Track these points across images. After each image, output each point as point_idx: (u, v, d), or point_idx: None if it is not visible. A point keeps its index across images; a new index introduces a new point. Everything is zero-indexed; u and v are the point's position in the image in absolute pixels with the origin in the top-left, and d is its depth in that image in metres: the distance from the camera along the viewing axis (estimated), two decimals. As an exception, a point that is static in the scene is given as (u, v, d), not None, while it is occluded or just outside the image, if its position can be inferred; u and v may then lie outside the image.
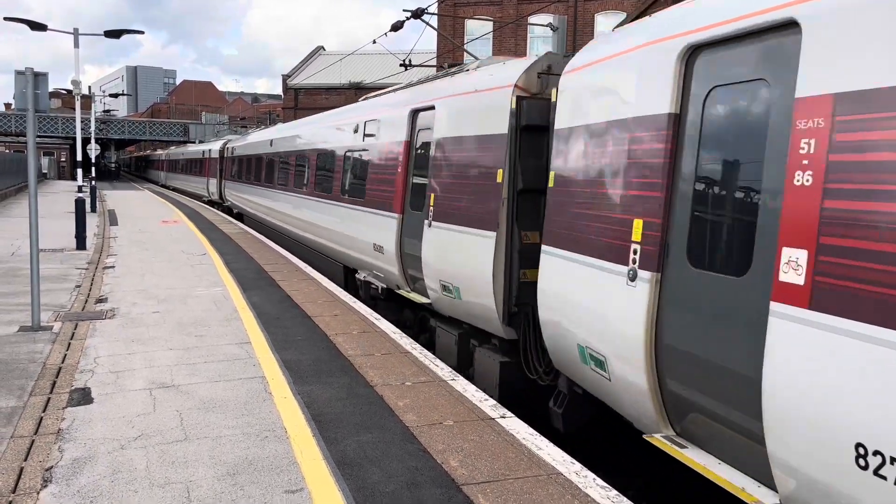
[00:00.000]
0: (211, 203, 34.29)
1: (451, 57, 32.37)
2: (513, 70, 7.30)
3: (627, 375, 4.89)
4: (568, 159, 5.89)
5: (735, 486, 4.02)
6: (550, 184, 6.19)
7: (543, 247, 6.15)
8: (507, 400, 7.06)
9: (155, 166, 73.01)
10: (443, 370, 6.90)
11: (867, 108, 3.25)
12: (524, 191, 7.08)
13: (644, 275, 4.71)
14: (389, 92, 11.93)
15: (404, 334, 8.41)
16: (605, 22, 33.57)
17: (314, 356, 7.32)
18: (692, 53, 4.58)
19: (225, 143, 31.28)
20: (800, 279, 3.49)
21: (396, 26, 16.64)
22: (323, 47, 59.10)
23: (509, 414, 5.71)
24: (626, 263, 4.88)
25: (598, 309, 5.19)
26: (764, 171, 3.93)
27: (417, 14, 15.57)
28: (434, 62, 28.15)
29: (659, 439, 4.67)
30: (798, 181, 3.55)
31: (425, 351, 7.63)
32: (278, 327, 8.58)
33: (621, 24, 4.92)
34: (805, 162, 3.54)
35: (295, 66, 55.35)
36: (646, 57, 4.94)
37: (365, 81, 42.89)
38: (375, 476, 4.51)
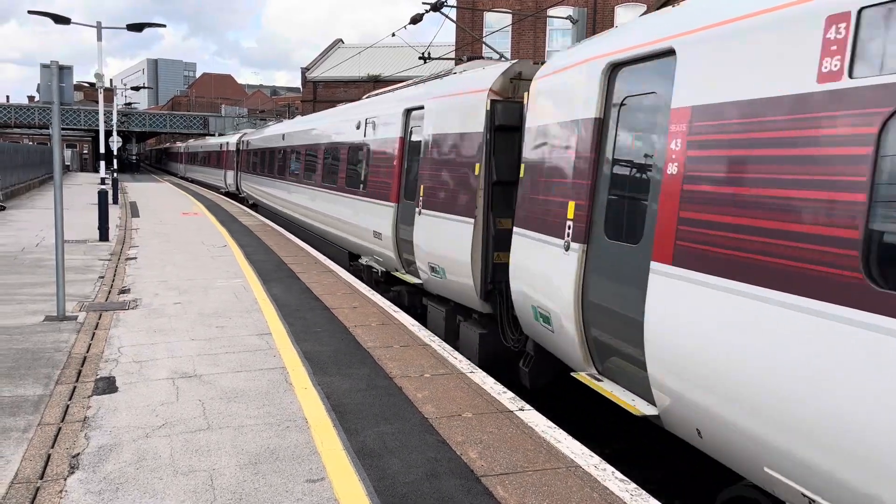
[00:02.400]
0: (228, 194, 35.07)
1: (469, 50, 32.28)
2: (489, 76, 8.21)
3: (564, 326, 6.05)
4: (531, 154, 6.96)
5: (628, 403, 5.19)
6: (521, 175, 7.18)
7: (514, 228, 7.19)
8: (485, 365, 7.98)
9: (175, 158, 73.88)
10: (461, 363, 6.93)
11: (710, 116, 4.40)
12: (498, 182, 7.97)
13: (575, 246, 5.92)
14: (388, 91, 12.81)
15: (422, 326, 8.46)
16: (624, 14, 33.29)
17: (334, 347, 7.39)
18: (612, 70, 5.70)
19: (241, 137, 32.11)
20: (668, 243, 4.64)
21: (416, 19, 16.64)
22: (342, 40, 59.20)
23: (528, 406, 5.73)
24: (563, 237, 6.09)
25: (546, 274, 6.37)
26: (653, 163, 5.06)
27: (437, 6, 15.55)
28: (453, 55, 28.10)
29: (583, 375, 5.84)
30: (669, 171, 4.70)
31: (444, 343, 7.67)
32: (298, 318, 8.65)
33: (644, 13, 5.38)
34: (674, 156, 4.68)
35: (314, 59, 55.49)
36: (583, 71, 6.09)
37: (383, 74, 42.91)
38: (395, 466, 4.56)
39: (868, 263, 3.33)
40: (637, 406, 5.09)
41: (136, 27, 23.51)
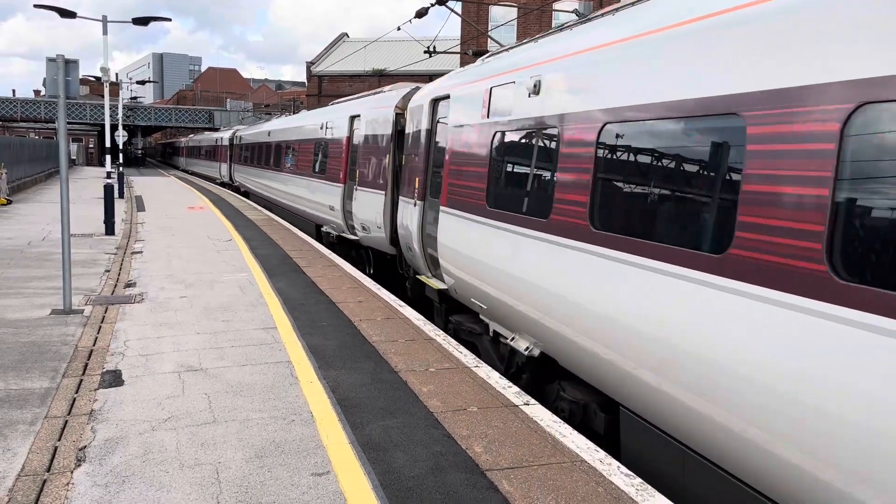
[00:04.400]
0: (223, 185, 39.00)
1: (475, 44, 32.17)
2: (396, 96, 12.57)
3: (416, 250, 10.14)
4: (407, 149, 10.95)
5: (435, 285, 9.31)
6: (403, 163, 11.14)
7: (400, 197, 11.17)
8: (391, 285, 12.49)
9: (177, 152, 74.75)
10: (466, 357, 6.93)
11: (453, 131, 8.66)
12: (397, 168, 11.96)
13: (419, 203, 9.98)
14: (342, 102, 17.44)
15: (428, 321, 8.46)
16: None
17: (339, 342, 7.39)
18: (434, 102, 9.88)
19: (234, 133, 36.51)
20: (445, 196, 8.65)
21: (421, 13, 16.59)
22: (347, 34, 59.08)
23: (533, 401, 5.72)
24: (415, 197, 10.14)
25: (406, 220, 10.51)
26: (444, 157, 8.95)
27: (442, 0, 15.50)
28: (458, 49, 28.01)
29: (423, 277, 10.08)
30: (448, 159, 8.72)
31: (448, 338, 7.67)
32: (304, 313, 8.66)
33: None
34: (448, 153, 8.77)
35: (319, 54, 55.42)
36: (423, 100, 10.32)
37: (389, 69, 42.81)
38: (401, 460, 4.56)
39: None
40: (437, 286, 9.26)
41: (142, 21, 23.52)
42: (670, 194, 4.62)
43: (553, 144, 6.14)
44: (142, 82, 50.12)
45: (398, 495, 4.10)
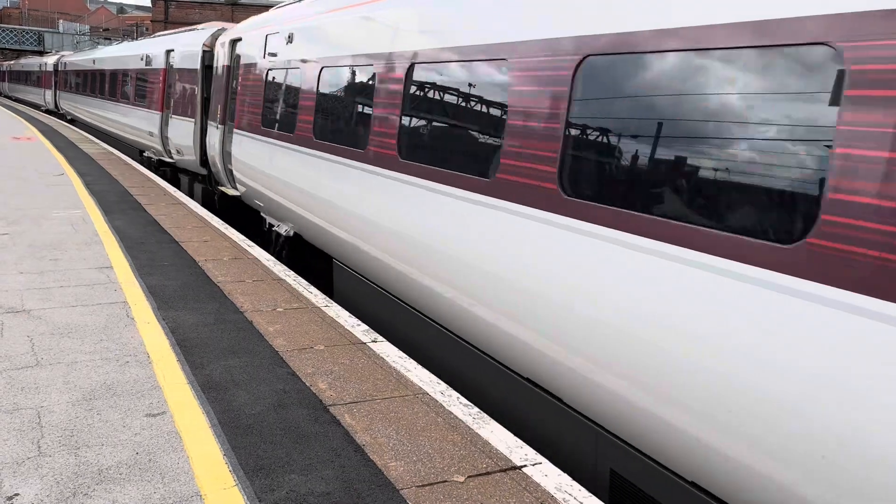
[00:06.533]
0: (48, 112, 38.34)
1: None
2: (205, 34, 13.99)
3: (218, 166, 12.11)
4: (214, 82, 12.72)
5: (231, 192, 11.63)
6: (211, 94, 12.99)
7: (207, 123, 13.00)
8: (204, 203, 13.84)
9: None
10: (316, 297, 6.88)
11: (244, 69, 10.95)
12: (206, 99, 13.48)
13: (220, 126, 11.80)
14: (162, 35, 18.88)
15: (278, 261, 8.29)
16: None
17: (181, 282, 7.08)
18: (232, 42, 11.56)
19: (59, 59, 36.11)
20: (235, 120, 11.24)
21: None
22: (197, -43, 54.90)
23: (381, 339, 5.80)
24: (218, 122, 11.96)
25: (212, 141, 12.31)
26: (233, 87, 11.57)
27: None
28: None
29: (223, 188, 12.06)
30: (234, 86, 11.51)
31: (299, 278, 7.56)
32: (143, 252, 8.20)
33: None
34: (235, 81, 11.59)
35: (165, -24, 51.22)
36: (224, 40, 12.17)
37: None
38: (242, 399, 4.49)
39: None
40: (230, 193, 11.55)
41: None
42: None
43: (297, 81, 8.67)
44: (-46, -6, 44.17)
45: (237, 432, 4.05)
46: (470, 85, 5.29)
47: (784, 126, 3.03)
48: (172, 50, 15.54)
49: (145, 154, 18.06)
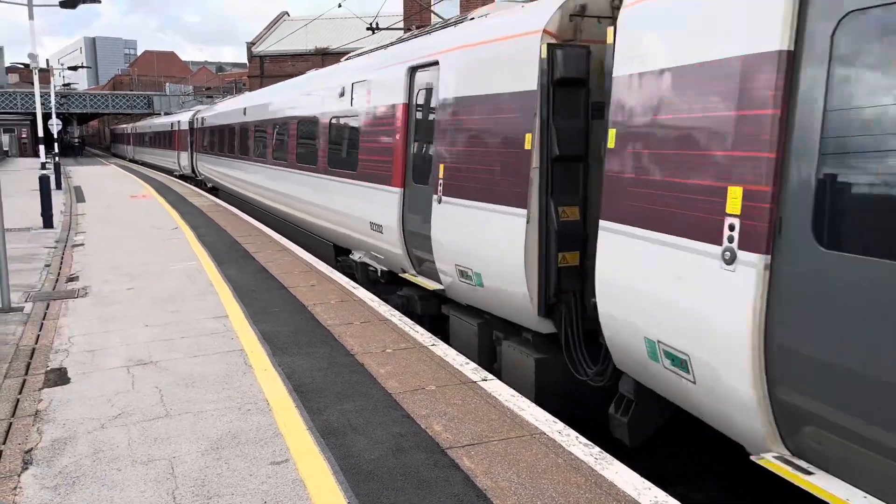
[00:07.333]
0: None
1: (418, 18, 31.83)
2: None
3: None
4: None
5: (432, 285, 8.37)
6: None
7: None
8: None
9: (121, 140, 71.28)
10: (423, 336, 6.91)
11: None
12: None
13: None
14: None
15: (383, 302, 8.41)
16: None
17: (293, 327, 7.29)
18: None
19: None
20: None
21: (362, -11, 16.30)
22: (287, 13, 57.81)
23: (491, 377, 5.75)
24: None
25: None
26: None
27: (383, -24, 15.22)
28: (401, 24, 27.67)
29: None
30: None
31: (404, 318, 7.64)
32: (255, 299, 8.51)
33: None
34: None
35: (259, 33, 54.14)
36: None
37: (332, 47, 42.10)
38: (360, 444, 4.53)
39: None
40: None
41: (70, 4, 22.55)
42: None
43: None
44: (74, 68, 48.27)
45: (359, 479, 4.07)
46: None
47: None
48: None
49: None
